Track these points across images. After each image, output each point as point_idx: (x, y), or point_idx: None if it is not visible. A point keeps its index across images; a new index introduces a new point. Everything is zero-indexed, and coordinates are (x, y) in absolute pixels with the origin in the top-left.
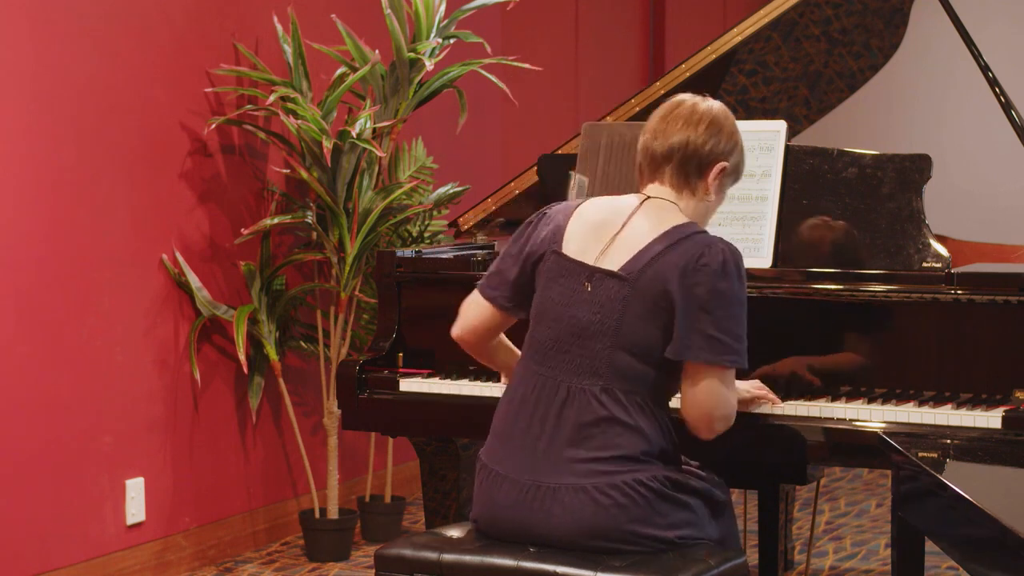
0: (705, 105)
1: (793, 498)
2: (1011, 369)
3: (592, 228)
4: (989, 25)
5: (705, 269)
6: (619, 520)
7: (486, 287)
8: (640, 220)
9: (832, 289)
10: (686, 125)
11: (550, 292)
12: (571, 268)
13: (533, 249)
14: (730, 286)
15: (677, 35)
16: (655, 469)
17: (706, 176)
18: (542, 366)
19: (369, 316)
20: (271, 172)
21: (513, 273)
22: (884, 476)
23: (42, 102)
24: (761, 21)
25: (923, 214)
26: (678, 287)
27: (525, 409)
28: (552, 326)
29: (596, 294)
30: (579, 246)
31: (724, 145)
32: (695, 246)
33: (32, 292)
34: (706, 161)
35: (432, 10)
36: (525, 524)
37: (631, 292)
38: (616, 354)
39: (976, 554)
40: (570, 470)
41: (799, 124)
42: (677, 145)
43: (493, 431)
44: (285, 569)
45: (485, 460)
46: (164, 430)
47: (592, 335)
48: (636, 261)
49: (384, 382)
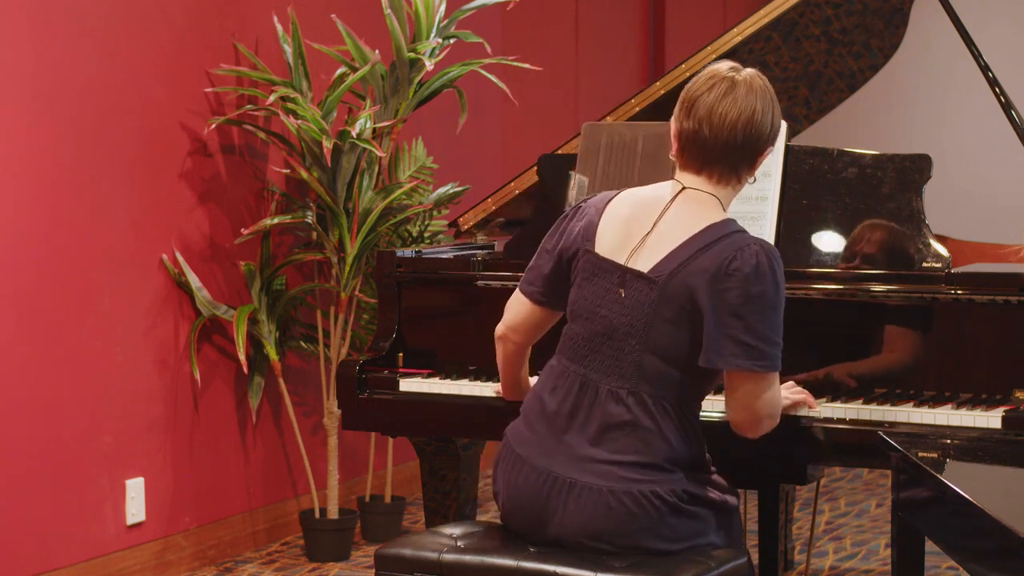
0: (760, 81)
1: (793, 498)
2: (1011, 369)
3: (624, 224)
4: (989, 25)
5: (737, 274)
6: (626, 528)
7: (524, 283)
8: (674, 216)
9: (832, 289)
10: (741, 111)
11: (584, 291)
12: (604, 267)
13: (567, 245)
14: (764, 290)
15: (677, 35)
16: (675, 480)
17: (755, 165)
18: (574, 363)
19: (369, 316)
20: (271, 172)
21: (548, 268)
22: (884, 476)
23: (42, 102)
24: (761, 21)
25: (923, 214)
26: (708, 292)
27: (555, 400)
28: (585, 324)
29: (629, 295)
30: (611, 244)
31: (774, 130)
32: (727, 249)
33: (32, 292)
34: (760, 148)
35: (432, 10)
36: (538, 511)
37: (660, 296)
38: (644, 357)
39: (976, 554)
40: (588, 469)
41: (799, 124)
42: (740, 138)
43: (523, 413)
44: (285, 569)
45: (510, 438)
46: (164, 430)
47: (621, 336)
48: (667, 263)
49: (384, 382)
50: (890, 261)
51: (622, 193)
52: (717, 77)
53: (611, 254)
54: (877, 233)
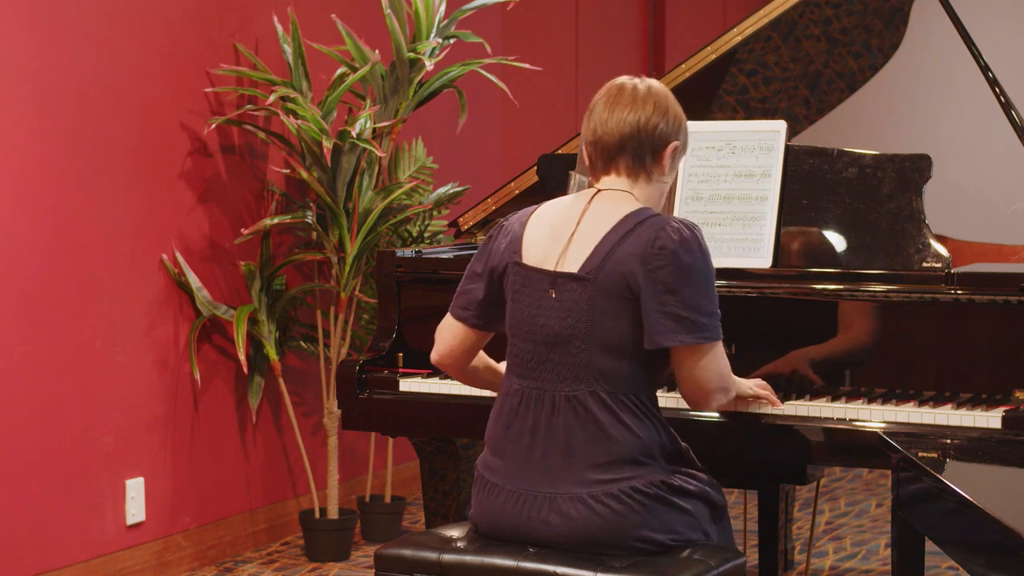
0: (644, 86)
1: (793, 498)
2: (1011, 369)
3: (548, 232)
4: (989, 25)
5: (664, 251)
6: (616, 529)
7: (457, 308)
8: (593, 215)
9: (832, 289)
10: (633, 111)
11: (519, 305)
12: (534, 277)
13: (496, 263)
14: (694, 262)
15: (677, 35)
16: (652, 472)
17: (661, 159)
18: (525, 379)
19: (369, 316)
20: (271, 172)
21: (480, 291)
22: (884, 476)
23: (42, 102)
24: (761, 21)
25: (923, 214)
26: (640, 275)
27: (515, 422)
28: (528, 338)
29: (562, 299)
30: (539, 254)
31: (672, 124)
32: (649, 231)
33: (32, 292)
34: (659, 143)
35: (432, 10)
36: (523, 531)
37: (595, 292)
38: (592, 356)
39: (976, 554)
40: (565, 479)
41: (799, 124)
42: (629, 133)
43: (487, 443)
44: (285, 569)
45: (481, 471)
46: (164, 430)
47: (566, 341)
48: (594, 259)
49: (384, 382)
50: (889, 260)
51: (544, 205)
52: (611, 86)
53: (540, 263)
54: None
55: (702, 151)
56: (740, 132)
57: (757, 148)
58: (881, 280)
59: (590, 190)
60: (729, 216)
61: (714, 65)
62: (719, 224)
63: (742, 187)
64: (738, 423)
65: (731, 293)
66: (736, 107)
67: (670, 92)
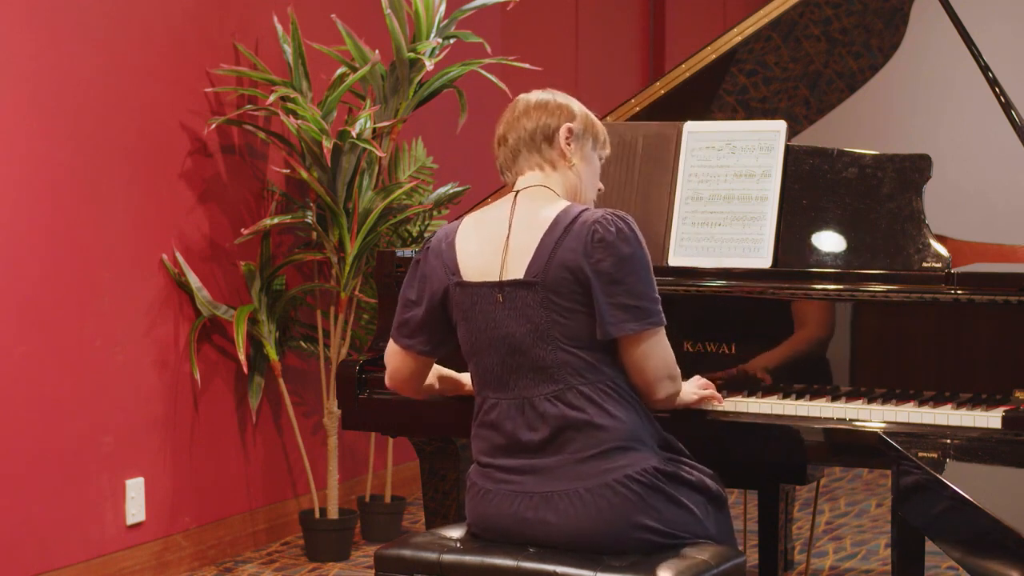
0: (536, 95)
1: (793, 498)
2: (1011, 369)
3: (481, 245)
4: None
5: (603, 243)
6: (614, 520)
7: (400, 337)
8: (522, 217)
9: (832, 289)
10: (524, 115)
11: (473, 324)
12: (481, 292)
13: (434, 288)
14: (633, 251)
15: (677, 35)
16: (644, 458)
17: (556, 143)
18: (500, 392)
19: (369, 316)
20: (271, 172)
21: (421, 317)
22: (884, 476)
23: (42, 102)
24: (761, 21)
25: (923, 214)
26: (587, 267)
27: (499, 434)
28: (492, 352)
29: (515, 307)
30: (480, 268)
31: (555, 114)
32: (584, 226)
33: (32, 292)
34: (550, 131)
35: (432, 10)
36: (520, 533)
37: (545, 292)
38: (559, 354)
39: (976, 554)
40: (558, 475)
41: (799, 124)
42: (527, 126)
43: (475, 456)
44: (285, 569)
45: (475, 479)
46: (164, 430)
47: (531, 345)
48: (537, 260)
49: (384, 382)
50: (889, 260)
51: (465, 219)
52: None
53: (483, 276)
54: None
55: (702, 151)
56: (740, 132)
57: (757, 148)
58: (881, 280)
59: (509, 195)
60: (729, 216)
61: (714, 65)
62: (719, 224)
63: (742, 187)
64: (738, 423)
65: (731, 293)
66: (736, 107)
67: (560, 94)
